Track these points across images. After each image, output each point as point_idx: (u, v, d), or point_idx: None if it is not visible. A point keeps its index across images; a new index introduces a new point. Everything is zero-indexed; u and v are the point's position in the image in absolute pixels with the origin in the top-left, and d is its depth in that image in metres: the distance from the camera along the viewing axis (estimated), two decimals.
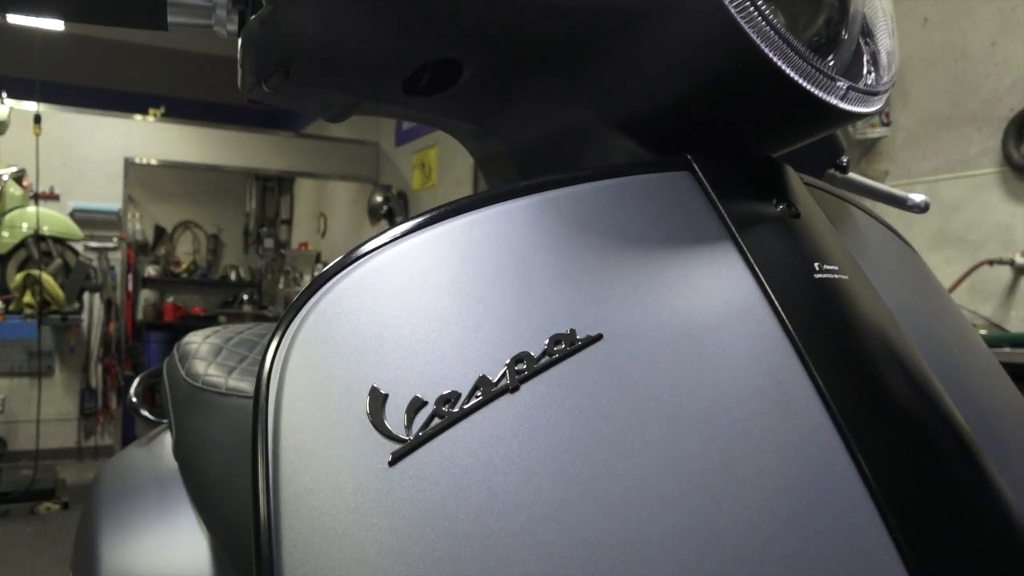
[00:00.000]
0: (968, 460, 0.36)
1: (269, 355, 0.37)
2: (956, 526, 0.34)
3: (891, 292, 0.43)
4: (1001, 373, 0.50)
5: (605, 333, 0.35)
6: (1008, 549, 0.34)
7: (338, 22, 0.42)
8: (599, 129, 0.46)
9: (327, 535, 0.32)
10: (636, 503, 0.31)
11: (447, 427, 0.33)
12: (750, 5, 0.40)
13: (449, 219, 0.38)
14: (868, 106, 0.44)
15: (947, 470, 0.35)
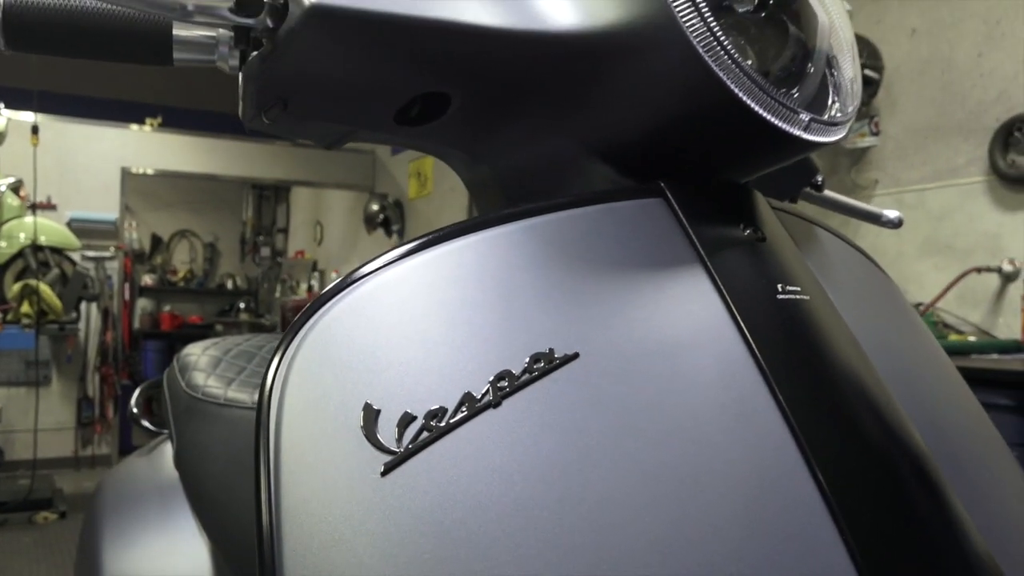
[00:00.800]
0: (921, 473, 0.39)
1: (271, 372, 0.40)
2: (908, 537, 0.37)
3: (853, 311, 0.46)
4: (964, 390, 0.53)
5: (581, 352, 0.38)
6: (957, 559, 0.37)
7: (333, 60, 0.45)
8: (580, 157, 0.49)
9: (325, 540, 0.35)
10: (609, 510, 0.34)
11: (435, 440, 0.35)
12: (717, 46, 0.43)
13: (436, 246, 0.41)
14: (830, 136, 0.47)
15: (899, 481, 0.38)
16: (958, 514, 0.39)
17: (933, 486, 0.39)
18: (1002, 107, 2.45)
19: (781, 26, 0.49)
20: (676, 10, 0.43)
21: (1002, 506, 0.45)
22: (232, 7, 0.43)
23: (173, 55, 0.48)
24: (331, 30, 0.43)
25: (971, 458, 0.46)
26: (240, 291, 8.46)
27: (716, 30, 0.43)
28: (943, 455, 0.42)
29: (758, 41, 0.48)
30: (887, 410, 0.41)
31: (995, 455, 0.49)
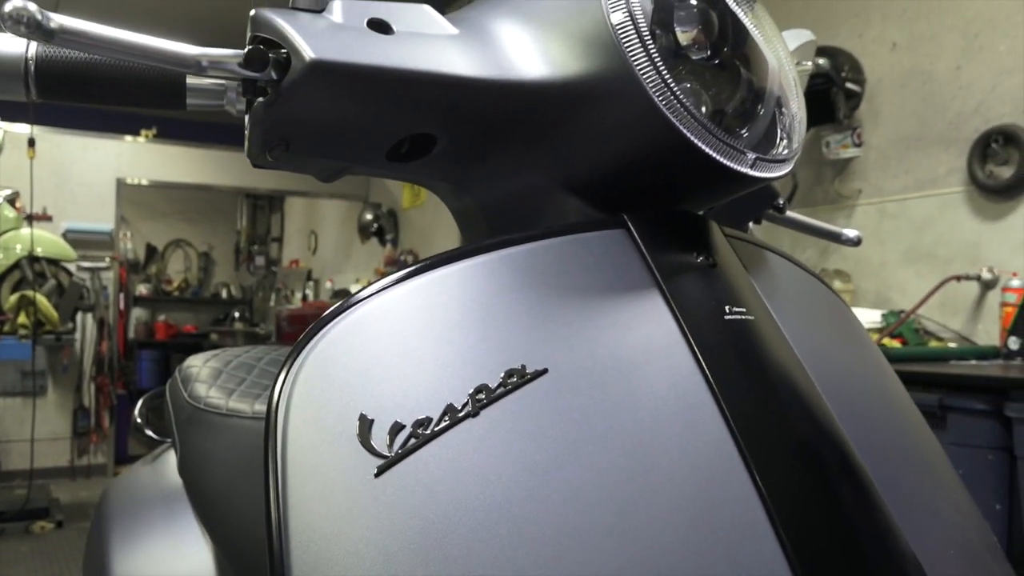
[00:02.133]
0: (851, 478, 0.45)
1: (277, 387, 0.45)
2: (837, 535, 0.42)
3: (797, 328, 0.51)
4: (904, 400, 0.58)
5: (550, 368, 0.43)
6: (883, 558, 0.43)
7: (331, 107, 0.50)
8: (553, 191, 0.54)
9: (327, 534, 0.40)
10: (571, 506, 0.39)
11: (421, 445, 0.41)
12: (671, 96, 0.48)
13: (422, 274, 0.47)
14: (775, 171, 0.53)
15: (830, 484, 0.44)
16: (885, 517, 0.44)
17: (862, 490, 0.45)
18: (980, 119, 2.51)
19: (734, 70, 0.55)
20: (634, 64, 0.48)
21: (930, 511, 0.50)
22: (241, 62, 0.48)
23: (186, 100, 0.53)
24: (329, 82, 0.48)
25: (904, 464, 0.51)
26: (235, 300, 8.50)
27: (670, 82, 0.48)
28: (875, 461, 0.47)
29: (713, 85, 0.54)
30: (822, 419, 0.46)
31: (930, 462, 0.55)
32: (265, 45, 0.49)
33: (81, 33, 0.43)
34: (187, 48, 0.47)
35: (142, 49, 0.46)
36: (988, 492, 1.91)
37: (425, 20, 0.53)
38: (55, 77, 0.51)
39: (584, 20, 0.50)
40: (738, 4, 0.57)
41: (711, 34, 0.53)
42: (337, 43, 0.48)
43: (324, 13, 0.51)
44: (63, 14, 0.43)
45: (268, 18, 0.49)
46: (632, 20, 0.49)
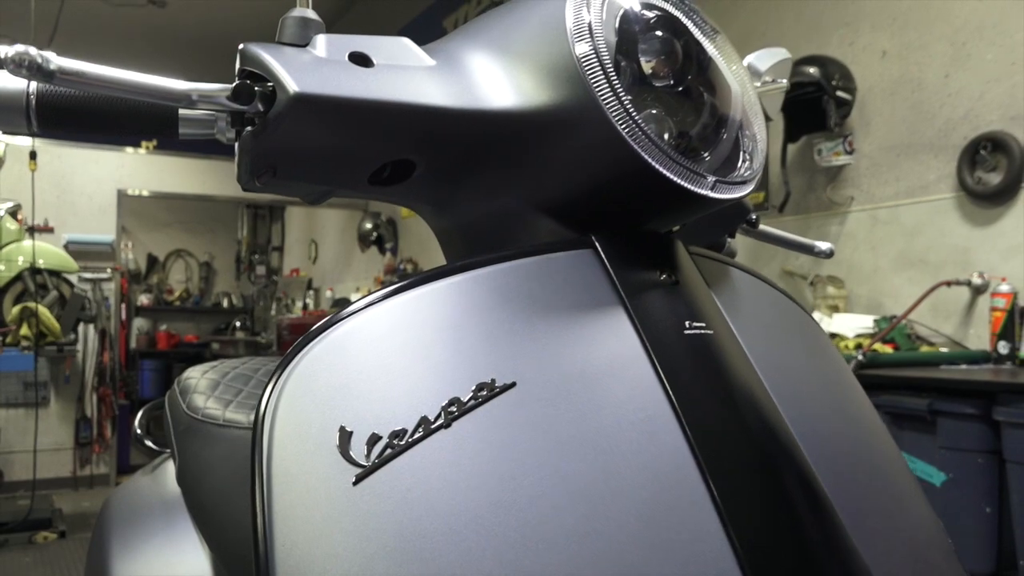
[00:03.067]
0: (802, 484, 0.48)
1: (264, 400, 0.48)
2: (788, 539, 0.45)
3: (756, 340, 0.54)
4: (865, 407, 0.61)
5: (518, 381, 0.46)
6: (832, 562, 0.45)
7: (314, 136, 0.53)
8: (526, 213, 0.58)
9: (309, 537, 0.43)
10: (536, 510, 0.42)
11: (397, 455, 0.44)
12: (634, 125, 0.51)
13: (401, 293, 0.50)
14: (735, 192, 0.56)
15: (782, 490, 0.46)
16: (835, 523, 0.47)
17: (814, 498, 0.48)
18: (969, 126, 2.54)
19: (698, 96, 0.58)
20: (598, 95, 0.51)
21: (883, 517, 0.52)
22: (229, 95, 0.51)
23: (179, 131, 0.56)
24: (312, 113, 0.51)
25: (858, 472, 0.54)
26: (236, 309, 8.53)
27: (632, 112, 0.51)
28: (828, 470, 0.50)
29: (677, 110, 0.57)
30: (776, 428, 0.49)
31: (886, 469, 0.57)
32: (252, 78, 0.53)
33: (78, 73, 0.46)
34: (178, 83, 0.50)
35: (135, 86, 0.49)
36: (978, 495, 1.93)
37: (404, 52, 0.56)
38: (55, 111, 0.54)
39: (552, 52, 0.54)
40: (703, 33, 0.60)
41: (675, 63, 0.56)
42: (319, 76, 0.51)
43: (308, 47, 0.54)
44: (63, 41, 0.46)
45: (255, 53, 0.53)
46: (595, 52, 0.52)
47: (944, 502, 1.98)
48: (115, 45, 7.28)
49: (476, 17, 0.62)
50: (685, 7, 0.60)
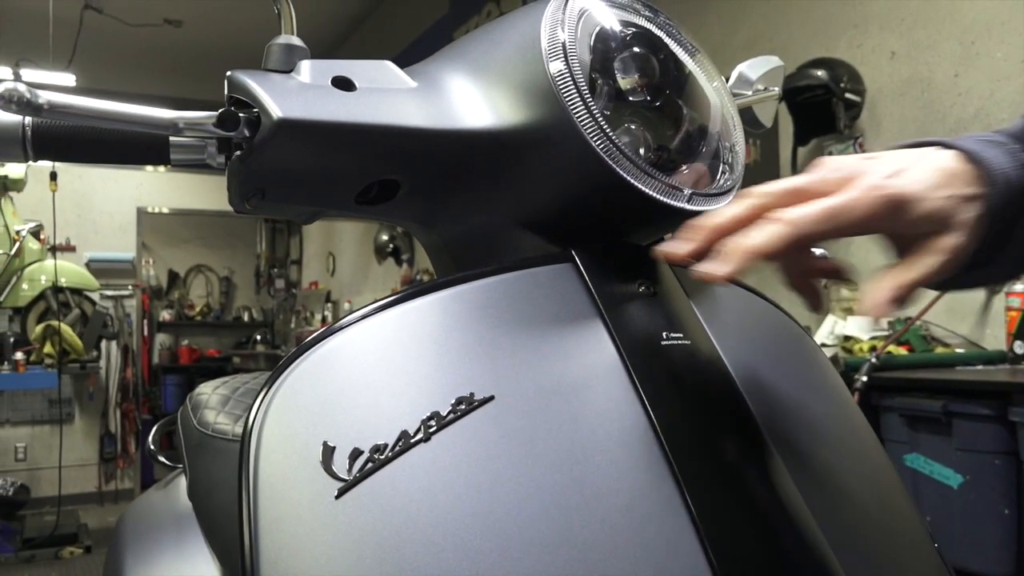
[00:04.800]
0: (776, 491, 0.48)
1: (251, 416, 0.50)
2: (761, 547, 0.46)
3: (736, 349, 0.55)
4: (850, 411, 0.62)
5: (496, 395, 0.47)
6: (805, 568, 0.46)
7: (300, 159, 0.55)
8: (508, 228, 0.59)
9: (293, 550, 0.44)
10: (513, 521, 0.43)
11: (378, 469, 0.45)
12: (609, 143, 0.52)
13: (384, 311, 0.51)
14: (714, 204, 0.57)
15: (755, 498, 0.47)
16: (809, 527, 0.48)
17: (787, 504, 0.48)
18: (980, 124, 2.53)
19: (676, 110, 0.59)
20: (573, 113, 0.53)
21: (861, 520, 0.53)
22: (215, 122, 0.53)
23: (170, 157, 0.58)
24: (296, 138, 0.53)
25: (836, 477, 0.54)
26: (256, 323, 8.59)
27: (606, 128, 0.53)
28: (804, 475, 0.51)
29: (655, 125, 0.58)
30: (751, 436, 0.50)
31: (867, 472, 0.58)
32: (239, 104, 0.54)
33: (68, 106, 0.48)
34: (164, 112, 0.52)
35: (123, 116, 0.51)
36: (995, 497, 1.92)
37: (386, 76, 0.58)
38: (49, 141, 0.56)
39: (527, 71, 0.55)
40: (683, 48, 0.61)
41: (652, 78, 0.58)
42: (303, 102, 0.53)
43: (292, 73, 0.56)
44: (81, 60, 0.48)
45: (241, 80, 0.54)
46: (569, 70, 0.53)
47: (961, 504, 1.96)
48: (133, 64, 7.38)
49: (459, 39, 0.64)
50: (664, 23, 0.61)
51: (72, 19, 6.03)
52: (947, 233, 0.49)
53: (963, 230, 0.49)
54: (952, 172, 0.50)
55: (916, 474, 2.05)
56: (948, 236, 0.49)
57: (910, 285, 0.49)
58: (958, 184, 0.49)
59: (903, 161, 0.50)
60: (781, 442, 0.51)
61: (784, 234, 0.47)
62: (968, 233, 0.49)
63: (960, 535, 1.97)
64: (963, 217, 0.49)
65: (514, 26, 0.58)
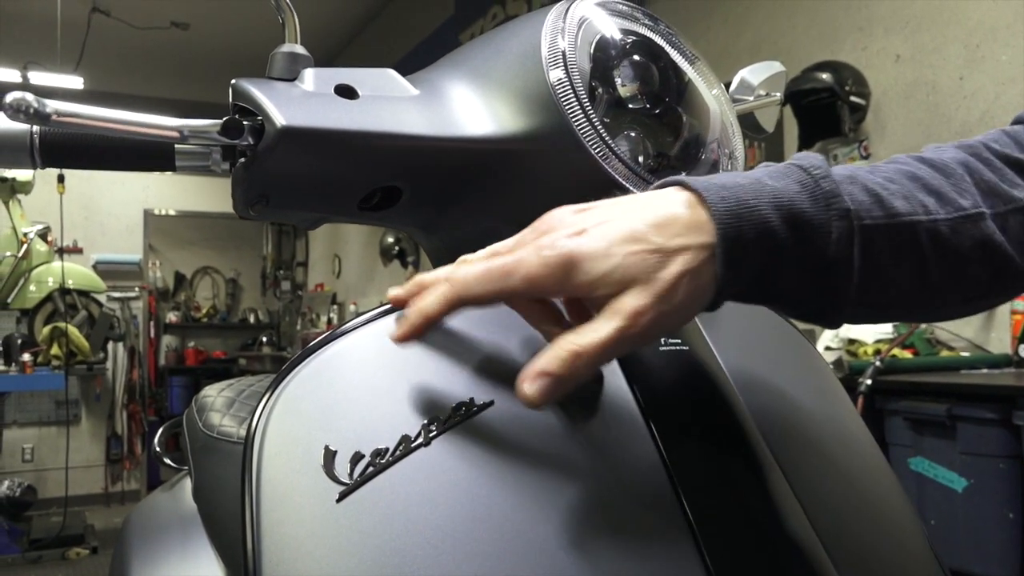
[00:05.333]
0: (773, 496, 0.49)
1: (255, 420, 0.50)
2: (757, 552, 0.46)
3: (734, 356, 0.56)
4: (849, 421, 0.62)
5: (495, 400, 0.48)
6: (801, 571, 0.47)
7: (303, 166, 0.55)
8: (510, 233, 0.59)
9: (295, 553, 0.45)
10: (511, 524, 0.44)
11: (378, 473, 0.45)
12: (607, 150, 0.53)
13: (386, 317, 0.52)
14: None
15: (752, 503, 0.48)
16: (807, 533, 0.48)
17: (784, 509, 0.49)
18: (985, 127, 2.53)
19: (676, 118, 0.59)
20: (574, 123, 0.53)
21: (858, 524, 0.53)
22: (220, 130, 0.54)
23: (176, 163, 0.59)
24: (300, 145, 0.53)
25: (835, 482, 0.55)
26: (262, 325, 8.61)
27: (605, 136, 0.53)
28: (802, 480, 0.51)
29: (655, 132, 0.59)
30: (748, 440, 0.50)
31: (864, 476, 0.58)
32: (243, 112, 0.55)
33: (75, 115, 0.49)
34: (170, 121, 0.53)
35: (130, 124, 0.51)
36: (1000, 501, 1.92)
37: (388, 83, 0.58)
38: (57, 149, 0.56)
39: (527, 79, 0.55)
40: (683, 56, 0.61)
41: (652, 86, 0.58)
42: (306, 110, 0.53)
43: (296, 81, 0.56)
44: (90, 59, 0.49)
45: (245, 88, 0.55)
46: (569, 78, 0.54)
47: (966, 508, 1.96)
48: (141, 66, 7.41)
49: (461, 46, 0.64)
50: (664, 31, 0.61)
51: (80, 22, 6.07)
52: (629, 293, 0.42)
53: (657, 288, 0.42)
54: (672, 219, 0.43)
55: (920, 478, 2.05)
56: (629, 297, 0.42)
57: (579, 356, 0.42)
58: (669, 233, 0.42)
59: (613, 212, 0.45)
60: (778, 447, 0.52)
61: (446, 295, 0.45)
62: (666, 291, 0.42)
63: (964, 539, 1.97)
64: (659, 273, 0.42)
65: (515, 34, 0.59)
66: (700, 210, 0.43)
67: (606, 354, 0.42)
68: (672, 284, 0.42)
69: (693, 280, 0.42)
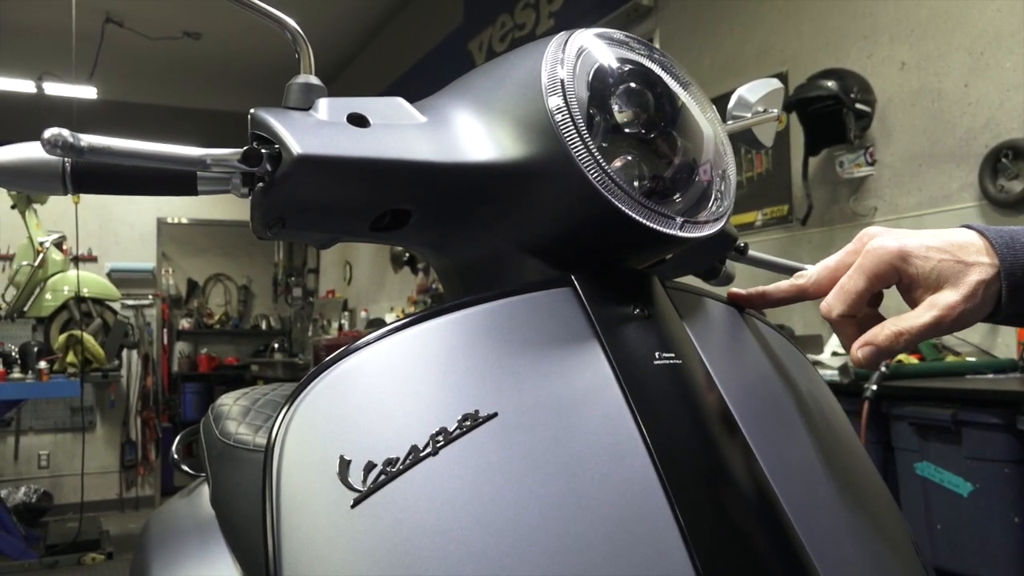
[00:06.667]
0: (762, 506, 0.52)
1: (274, 431, 0.54)
2: (745, 558, 0.49)
3: (726, 369, 0.59)
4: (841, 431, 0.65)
5: (500, 411, 0.51)
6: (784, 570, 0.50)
7: (318, 191, 0.59)
8: (513, 253, 0.63)
9: (312, 555, 0.48)
10: (514, 529, 0.47)
11: (389, 481, 0.49)
12: (605, 175, 0.56)
13: (395, 333, 0.55)
14: (704, 231, 0.61)
15: (742, 511, 0.51)
16: (792, 540, 0.51)
17: (772, 518, 0.52)
18: (990, 134, 2.55)
19: (671, 141, 0.62)
20: (570, 147, 0.56)
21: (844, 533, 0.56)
22: (240, 159, 0.57)
23: (197, 189, 0.63)
24: (314, 172, 0.57)
25: (822, 488, 0.57)
26: (274, 331, 8.68)
27: (602, 161, 0.56)
28: (791, 491, 0.54)
29: (651, 156, 0.62)
30: (739, 451, 0.53)
31: (853, 484, 0.61)
32: (262, 140, 0.58)
33: (106, 148, 0.52)
34: (193, 150, 0.56)
35: (155, 155, 0.55)
36: (1005, 505, 1.93)
37: (397, 112, 0.62)
38: (87, 177, 0.60)
39: (528, 107, 0.59)
40: (678, 82, 0.64)
41: (647, 112, 0.61)
42: (320, 138, 0.57)
43: (311, 111, 0.60)
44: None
45: (263, 118, 0.58)
46: (567, 106, 0.57)
47: (972, 512, 1.98)
48: (154, 75, 7.49)
49: (466, 74, 0.67)
50: (660, 59, 0.64)
51: (94, 33, 6.15)
52: (944, 291, 0.57)
53: (964, 290, 0.56)
54: (968, 244, 0.58)
55: (926, 482, 2.07)
56: (944, 294, 0.57)
57: (901, 334, 0.57)
58: (967, 252, 0.57)
59: (922, 232, 0.59)
60: (767, 456, 0.55)
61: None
62: (971, 293, 0.56)
63: (970, 543, 1.99)
64: (966, 279, 0.56)
65: (517, 64, 0.62)
66: (986, 242, 0.58)
67: (923, 336, 0.57)
68: (974, 288, 0.56)
69: (987, 289, 0.56)
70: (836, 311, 0.59)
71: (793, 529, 0.52)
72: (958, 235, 0.59)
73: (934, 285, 0.57)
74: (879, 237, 0.59)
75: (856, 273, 0.59)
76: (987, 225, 0.60)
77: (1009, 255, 0.57)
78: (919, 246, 0.58)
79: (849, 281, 0.59)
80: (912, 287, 0.58)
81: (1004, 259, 0.57)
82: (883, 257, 0.58)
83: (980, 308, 0.57)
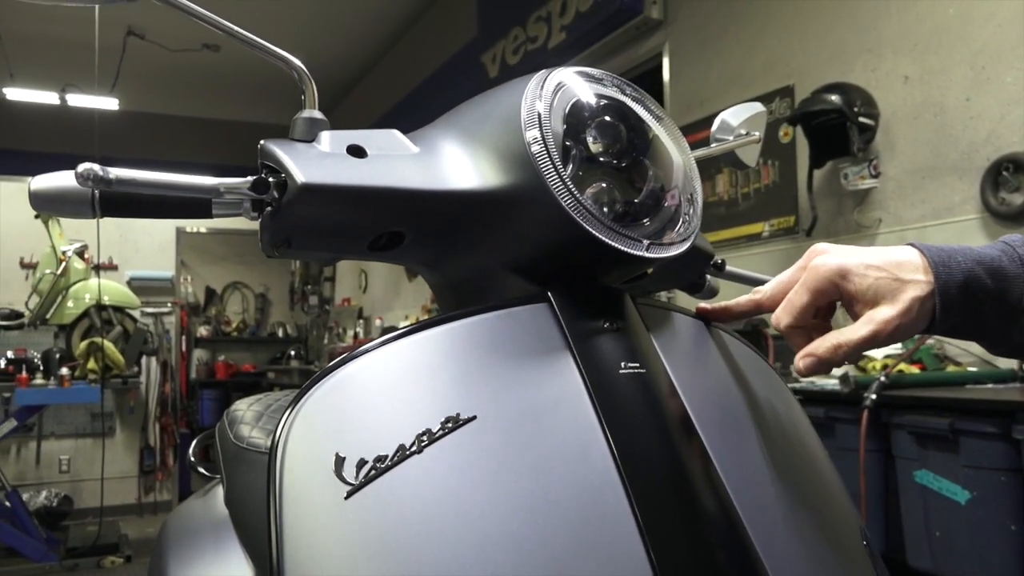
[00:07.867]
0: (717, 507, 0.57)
1: (278, 432, 0.60)
2: (699, 555, 0.54)
3: (688, 377, 0.64)
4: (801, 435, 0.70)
5: (479, 415, 0.57)
6: (737, 571, 0.55)
7: (320, 215, 0.65)
8: (497, 271, 0.69)
9: (312, 542, 0.54)
10: (489, 522, 0.53)
11: (378, 476, 0.55)
12: (576, 202, 0.62)
13: (387, 345, 0.61)
14: (670, 251, 0.67)
15: (697, 511, 0.56)
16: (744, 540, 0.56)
17: (725, 514, 0.57)
18: (991, 147, 2.58)
19: (642, 168, 0.68)
20: (547, 179, 0.62)
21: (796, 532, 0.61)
22: (250, 187, 0.64)
23: (213, 213, 0.69)
24: (317, 199, 0.63)
25: (776, 491, 0.63)
26: (291, 339, 8.77)
27: (574, 190, 0.62)
28: (745, 489, 0.60)
29: (624, 183, 0.67)
30: (696, 453, 0.59)
31: (809, 487, 0.66)
32: (269, 170, 0.65)
33: (131, 180, 0.59)
34: (208, 180, 0.63)
35: (175, 185, 0.62)
36: (1002, 513, 1.97)
37: (392, 143, 0.68)
38: (113, 203, 0.67)
39: (508, 139, 0.65)
40: (651, 115, 0.70)
41: (620, 143, 0.67)
42: (322, 168, 0.63)
43: (314, 143, 0.66)
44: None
45: (270, 149, 0.65)
46: (543, 138, 0.63)
47: (969, 520, 2.01)
48: (173, 86, 7.63)
49: (457, 106, 0.74)
50: (633, 95, 0.70)
51: (115, 45, 6.28)
52: (881, 307, 0.61)
53: (900, 306, 0.60)
54: (906, 262, 0.62)
55: (925, 490, 2.11)
56: (881, 309, 0.60)
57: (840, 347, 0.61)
58: (904, 270, 0.61)
59: (863, 250, 0.63)
60: (723, 459, 0.60)
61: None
62: (906, 309, 0.60)
63: (967, 550, 2.02)
64: (902, 295, 0.60)
65: (500, 99, 0.68)
66: (925, 260, 0.61)
67: (860, 348, 0.61)
68: (910, 304, 0.60)
69: (923, 305, 0.60)
70: (783, 323, 0.64)
71: (745, 530, 0.57)
72: (899, 253, 0.62)
73: (872, 301, 0.61)
74: (823, 255, 0.64)
75: (801, 288, 0.64)
76: (930, 244, 0.63)
77: (944, 273, 0.61)
78: (859, 264, 0.62)
79: (795, 296, 0.64)
80: (852, 302, 0.63)
81: (939, 277, 0.61)
82: (824, 274, 0.62)
83: (916, 323, 0.61)
